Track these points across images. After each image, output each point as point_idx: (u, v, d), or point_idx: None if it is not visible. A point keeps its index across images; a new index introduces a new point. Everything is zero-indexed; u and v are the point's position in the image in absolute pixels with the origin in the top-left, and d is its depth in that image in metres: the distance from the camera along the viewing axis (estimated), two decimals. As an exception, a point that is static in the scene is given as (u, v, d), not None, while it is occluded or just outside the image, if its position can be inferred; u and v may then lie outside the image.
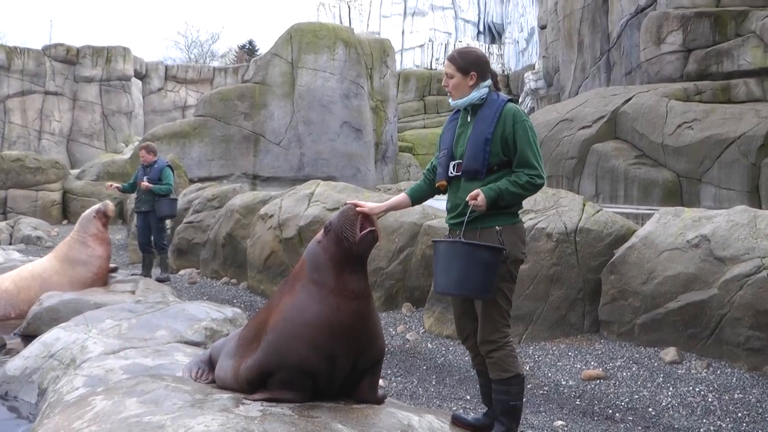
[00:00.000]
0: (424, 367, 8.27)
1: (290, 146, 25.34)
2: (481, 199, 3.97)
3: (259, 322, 4.23)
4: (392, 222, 10.92)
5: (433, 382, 7.69)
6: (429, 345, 9.12)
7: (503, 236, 4.01)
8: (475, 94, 4.22)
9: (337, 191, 12.90)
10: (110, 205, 10.56)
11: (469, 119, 4.25)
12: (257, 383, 4.03)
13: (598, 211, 9.52)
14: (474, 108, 4.23)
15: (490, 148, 4.06)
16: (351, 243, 3.96)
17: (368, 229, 3.98)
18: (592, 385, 7.48)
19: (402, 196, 4.52)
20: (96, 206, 10.43)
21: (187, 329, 6.04)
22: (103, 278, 10.01)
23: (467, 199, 4.03)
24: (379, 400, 4.24)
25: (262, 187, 23.48)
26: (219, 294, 12.97)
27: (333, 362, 3.97)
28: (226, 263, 14.67)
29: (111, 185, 12.58)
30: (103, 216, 10.29)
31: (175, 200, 13.28)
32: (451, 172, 4.22)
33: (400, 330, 9.71)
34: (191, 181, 20.92)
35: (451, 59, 4.31)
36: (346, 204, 4.12)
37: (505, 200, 3.99)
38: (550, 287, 8.97)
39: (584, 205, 9.61)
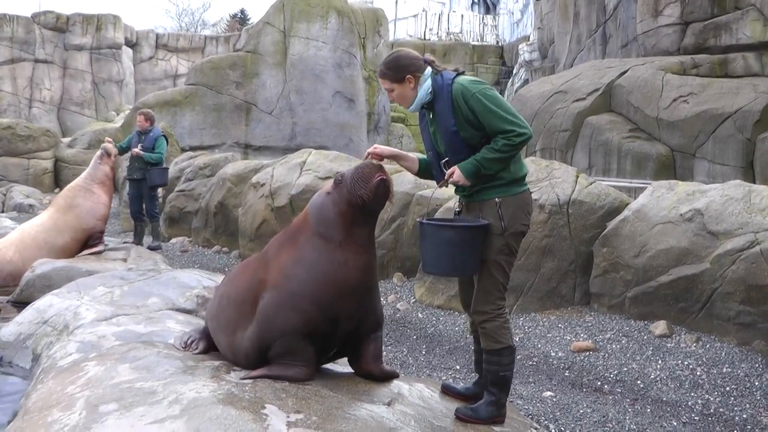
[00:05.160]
0: (415, 337, 8.32)
1: (282, 115, 25.22)
2: (457, 175, 3.96)
3: (253, 280, 4.05)
4: (385, 192, 10.92)
5: (423, 352, 7.74)
6: (419, 315, 9.17)
7: (502, 208, 3.98)
8: (422, 94, 4.11)
9: (329, 160, 12.90)
10: (109, 145, 10.48)
11: (432, 116, 4.20)
12: (257, 357, 3.91)
13: (591, 183, 9.55)
14: (429, 104, 4.18)
15: (463, 136, 3.99)
16: (365, 202, 3.85)
17: (379, 177, 3.87)
18: (582, 357, 7.55)
19: (413, 157, 4.42)
20: (97, 153, 10.35)
21: (179, 297, 6.06)
22: (103, 226, 9.95)
23: (446, 178, 4.05)
24: (387, 374, 4.18)
25: (253, 156, 23.39)
26: (210, 262, 13.02)
27: (336, 325, 3.89)
28: (217, 232, 14.71)
29: (108, 139, 12.47)
30: (107, 159, 10.21)
31: (167, 169, 13.29)
32: (445, 170, 4.17)
33: (391, 300, 9.76)
34: (183, 150, 20.86)
35: (382, 75, 4.21)
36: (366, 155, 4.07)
37: (489, 168, 3.92)
38: (542, 259, 9.02)
39: (577, 176, 9.63)
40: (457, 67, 4.21)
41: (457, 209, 4.26)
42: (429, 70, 4.14)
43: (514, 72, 35.99)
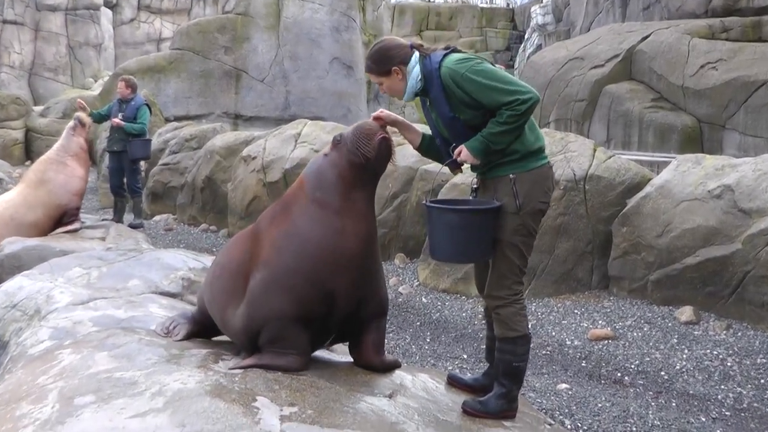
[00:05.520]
0: (418, 323, 8.31)
1: (275, 83, 25.14)
2: (465, 154, 3.95)
3: (244, 254, 4.05)
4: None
5: (428, 340, 7.73)
6: (423, 299, 9.15)
7: (517, 185, 3.94)
8: (411, 83, 4.10)
9: (326, 132, 12.86)
10: (83, 114, 10.41)
11: (429, 104, 4.18)
12: (247, 340, 3.90)
13: (609, 157, 9.50)
14: (424, 91, 4.14)
15: (463, 119, 3.98)
16: (368, 159, 3.84)
17: (381, 135, 3.88)
18: (600, 346, 7.53)
19: (418, 130, 4.38)
20: (69, 124, 10.28)
21: (163, 279, 6.01)
22: (79, 202, 9.90)
23: (454, 158, 4.04)
24: (389, 365, 4.15)
25: (244, 127, 23.34)
26: (197, 242, 13.01)
27: (333, 305, 3.84)
28: (205, 209, 14.68)
29: (81, 103, 12.31)
30: (81, 129, 10.14)
31: (149, 141, 13.22)
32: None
33: (393, 283, 9.74)
34: (167, 120, 20.80)
35: (368, 70, 4.22)
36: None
37: (498, 143, 3.89)
38: (556, 239, 8.98)
39: (595, 150, 9.59)
40: (448, 44, 4.17)
41: (474, 185, 4.23)
42: (416, 55, 4.11)
43: (526, 37, 35.82)
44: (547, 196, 4.08)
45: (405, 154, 10.75)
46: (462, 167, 4.12)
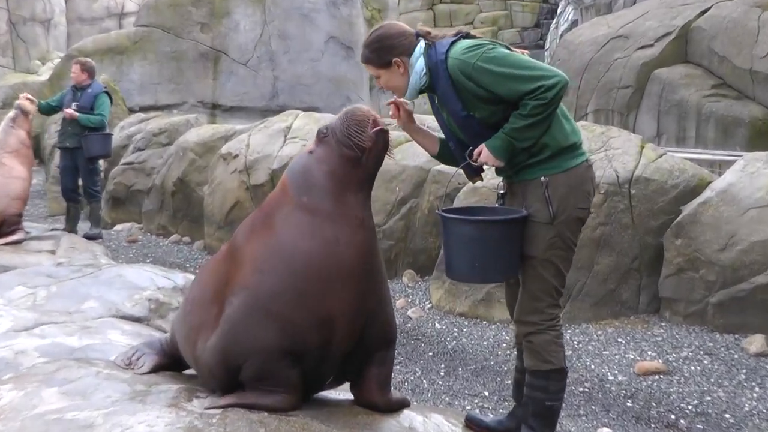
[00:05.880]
0: (431, 354, 8.31)
1: (260, 67, 25.16)
2: (486, 155, 3.97)
3: (219, 278, 3.98)
4: (391, 165, 10.85)
5: (442, 373, 7.73)
6: (437, 325, 9.15)
7: (550, 190, 3.93)
8: (414, 79, 4.11)
9: (321, 125, 12.84)
10: (26, 102, 10.42)
11: (437, 102, 4.18)
12: (225, 377, 3.82)
13: (660, 156, 9.49)
14: (430, 88, 4.14)
15: (478, 117, 3.98)
16: (362, 151, 3.80)
17: (378, 127, 3.83)
18: (649, 382, 7.51)
19: (434, 135, 4.42)
20: (9, 114, 10.29)
21: (125, 300, 6.02)
22: (21, 208, 9.90)
23: (473, 159, 4.06)
24: (395, 406, 4.12)
25: (223, 119, 23.36)
26: (167, 256, 13.05)
27: (330, 330, 3.77)
28: (176, 216, 14.71)
29: (26, 96, 12.35)
30: (23, 120, 10.15)
31: (109, 136, 13.21)
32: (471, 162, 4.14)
33: (401, 305, 9.74)
34: (131, 111, 20.81)
35: (365, 60, 4.24)
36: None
37: (523, 139, 3.90)
38: (595, 253, 8.97)
39: (642, 147, 9.59)
40: (459, 30, 4.17)
41: (501, 191, 4.23)
42: (422, 45, 4.11)
43: (559, 11, 35.83)
44: (587, 201, 4.06)
45: (415, 152, 10.78)
46: (482, 173, 4.11)
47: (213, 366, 3.84)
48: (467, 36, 4.08)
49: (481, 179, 4.27)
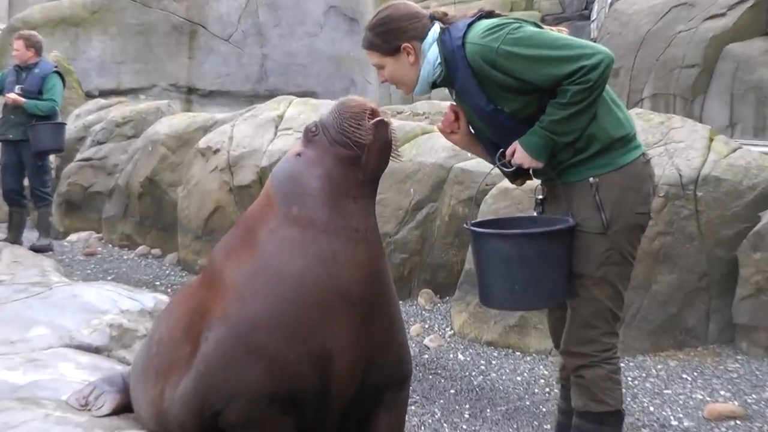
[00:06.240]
0: (453, 391, 8.28)
1: (246, 43, 25.20)
2: (521, 155, 3.98)
3: (193, 309, 3.92)
4: (404, 162, 10.78)
5: (466, 415, 7.69)
6: (460, 356, 9.12)
7: (601, 192, 3.92)
8: (426, 70, 4.12)
9: (320, 113, 12.85)
10: None
11: (455, 97, 4.17)
12: (197, 427, 3.77)
13: (734, 150, 9.45)
14: (446, 80, 4.11)
15: (510, 111, 3.97)
16: (360, 148, 3.76)
17: (378, 118, 3.78)
18: (723, 429, 7.45)
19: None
20: None
21: (81, 326, 6.02)
22: None
23: (506, 159, 4.08)
24: None
25: (201, 106, 23.42)
26: (132, 272, 13.04)
27: (327, 369, 3.71)
28: (144, 224, 14.73)
29: None
30: None
31: (62, 126, 13.26)
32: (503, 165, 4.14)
33: (416, 332, 9.71)
34: (88, 96, 20.85)
35: (369, 46, 4.30)
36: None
37: (565, 133, 3.89)
38: (653, 270, 8.92)
39: (712, 139, 9.54)
40: (481, 9, 4.13)
41: (540, 196, 4.21)
42: (436, 29, 4.09)
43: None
44: (646, 205, 4.05)
45: (433, 147, 10.76)
46: (529, 172, 4.09)
47: (185, 418, 3.77)
48: (489, 15, 4.03)
49: (530, 178, 4.24)
